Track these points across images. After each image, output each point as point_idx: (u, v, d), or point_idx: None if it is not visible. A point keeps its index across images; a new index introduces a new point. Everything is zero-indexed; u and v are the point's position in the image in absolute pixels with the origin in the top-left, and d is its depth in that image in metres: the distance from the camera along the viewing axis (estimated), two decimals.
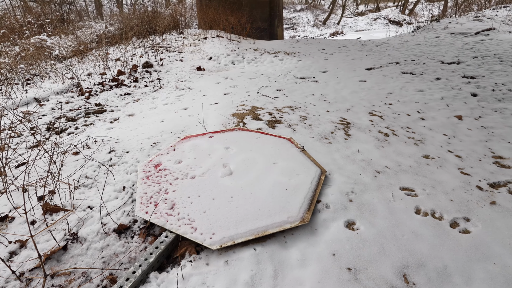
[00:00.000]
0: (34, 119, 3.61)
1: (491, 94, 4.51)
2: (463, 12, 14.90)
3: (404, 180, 2.36)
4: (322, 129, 3.21)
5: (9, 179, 2.23)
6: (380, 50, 8.35)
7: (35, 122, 3.52)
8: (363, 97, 4.55)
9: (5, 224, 1.90)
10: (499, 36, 8.66)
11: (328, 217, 1.92)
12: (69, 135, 3.24)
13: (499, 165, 2.64)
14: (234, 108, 3.81)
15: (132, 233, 1.83)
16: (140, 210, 1.91)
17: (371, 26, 25.77)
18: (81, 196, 2.13)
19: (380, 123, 3.50)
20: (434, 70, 5.91)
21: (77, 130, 3.36)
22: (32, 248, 1.71)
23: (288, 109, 3.82)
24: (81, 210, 1.99)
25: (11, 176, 2.34)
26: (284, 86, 5.17)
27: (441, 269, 1.58)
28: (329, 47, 9.00)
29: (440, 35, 9.73)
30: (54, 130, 3.39)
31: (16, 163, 2.59)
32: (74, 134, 3.25)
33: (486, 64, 5.97)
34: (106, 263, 1.62)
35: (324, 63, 6.93)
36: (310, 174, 2.26)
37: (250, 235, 1.71)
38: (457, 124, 3.55)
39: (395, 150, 2.85)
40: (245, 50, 7.85)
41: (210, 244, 1.65)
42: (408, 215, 1.96)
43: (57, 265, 1.60)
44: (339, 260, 1.62)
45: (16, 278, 1.51)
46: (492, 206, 2.07)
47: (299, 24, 27.32)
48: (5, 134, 3.07)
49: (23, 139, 3.06)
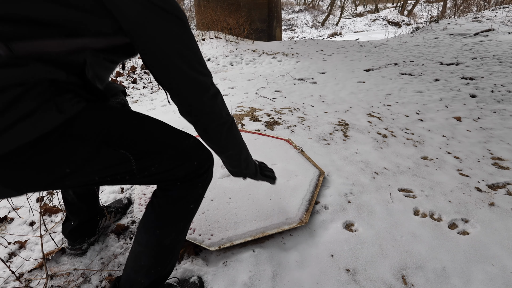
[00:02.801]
0: None
1: (490, 95, 4.52)
2: (462, 13, 14.94)
3: (403, 181, 2.37)
4: (321, 130, 3.21)
5: None
6: (379, 51, 8.37)
7: None
8: (362, 98, 4.56)
9: (4, 225, 1.90)
10: (498, 37, 8.68)
11: (327, 219, 1.92)
12: None
13: (498, 167, 2.65)
14: (232, 109, 3.82)
15: (131, 234, 1.83)
16: (138, 211, 1.91)
17: (370, 27, 25.83)
18: None
19: (378, 124, 3.50)
20: (433, 71, 5.92)
21: None
22: (31, 249, 1.71)
23: (287, 110, 3.83)
24: None
25: None
26: (282, 87, 5.17)
27: (439, 270, 1.58)
28: (327, 48, 9.02)
29: (439, 36, 9.76)
30: None
31: None
32: None
33: (485, 65, 5.99)
34: (105, 264, 1.62)
35: (322, 64, 6.94)
36: (309, 176, 2.26)
37: (248, 236, 1.71)
38: (456, 125, 3.56)
39: (393, 151, 2.86)
40: (243, 51, 7.86)
41: (208, 245, 1.65)
42: (406, 217, 1.96)
43: (56, 266, 1.60)
44: (337, 261, 1.63)
45: (16, 279, 1.51)
46: (491, 207, 2.08)
47: (297, 25, 27.38)
48: None
49: None
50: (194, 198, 1.17)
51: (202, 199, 1.23)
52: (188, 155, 1.09)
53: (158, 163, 1.02)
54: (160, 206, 1.13)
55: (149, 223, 1.15)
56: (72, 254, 1.67)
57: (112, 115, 0.99)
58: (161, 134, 1.06)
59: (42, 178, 0.86)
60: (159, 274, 1.19)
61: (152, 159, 1.01)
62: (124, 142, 0.96)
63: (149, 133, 1.03)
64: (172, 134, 1.09)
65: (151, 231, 1.13)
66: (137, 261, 1.17)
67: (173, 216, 1.15)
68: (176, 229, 1.18)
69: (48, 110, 0.79)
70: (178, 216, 1.16)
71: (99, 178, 0.96)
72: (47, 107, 0.79)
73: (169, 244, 1.17)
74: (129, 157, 0.96)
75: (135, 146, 0.98)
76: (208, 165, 1.17)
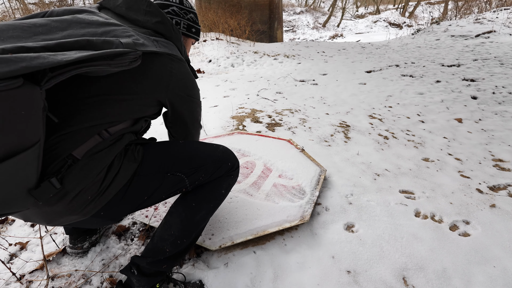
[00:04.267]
0: None
1: (491, 97, 4.52)
2: (463, 15, 14.95)
3: (404, 183, 2.37)
4: (322, 132, 3.21)
5: None
6: (380, 52, 8.37)
7: None
8: (363, 100, 4.56)
9: (5, 226, 1.90)
10: (500, 38, 8.68)
11: (328, 220, 1.92)
12: None
13: (499, 168, 2.65)
14: (233, 110, 3.82)
15: (132, 235, 1.83)
16: (139, 213, 1.91)
17: (371, 28, 25.83)
18: None
19: (379, 126, 3.50)
20: (434, 72, 5.92)
21: None
22: (32, 250, 1.71)
23: (288, 111, 3.83)
24: None
25: None
26: (283, 88, 5.18)
27: (440, 272, 1.58)
28: (328, 49, 9.03)
29: (440, 38, 9.76)
30: None
31: None
32: None
33: (487, 67, 5.99)
34: (106, 266, 1.62)
35: (323, 66, 6.95)
36: (310, 173, 2.27)
37: (249, 235, 1.71)
38: (457, 127, 3.56)
39: (394, 153, 2.86)
40: (244, 53, 7.87)
41: (209, 245, 1.65)
42: (407, 218, 1.96)
43: (57, 268, 1.60)
44: (338, 262, 1.62)
45: (17, 280, 1.51)
46: (492, 209, 2.08)
47: (298, 26, 27.40)
48: None
49: None
50: (226, 186, 1.46)
51: (231, 189, 1.53)
52: (223, 159, 1.42)
53: (204, 172, 1.35)
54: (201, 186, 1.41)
55: (187, 198, 1.39)
56: (73, 254, 1.67)
57: (160, 150, 1.32)
58: (199, 152, 1.40)
59: (130, 207, 1.23)
60: (182, 246, 1.36)
61: (199, 172, 1.34)
62: (177, 167, 1.29)
63: (191, 153, 1.37)
64: (207, 148, 1.43)
65: (187, 204, 1.38)
66: (167, 230, 1.36)
67: (208, 197, 1.41)
68: (207, 208, 1.42)
69: (129, 161, 1.17)
70: (211, 197, 1.43)
71: (166, 196, 1.32)
72: (128, 160, 1.16)
73: (199, 219, 1.39)
74: (183, 177, 1.29)
75: (185, 167, 1.31)
76: (237, 164, 1.51)
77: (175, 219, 1.37)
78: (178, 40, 1.37)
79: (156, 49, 1.17)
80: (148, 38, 1.19)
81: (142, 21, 1.26)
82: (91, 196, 1.06)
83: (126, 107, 1.15)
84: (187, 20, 1.58)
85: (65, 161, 1.01)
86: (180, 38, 1.38)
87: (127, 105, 1.15)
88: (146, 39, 1.17)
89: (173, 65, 1.25)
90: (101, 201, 1.10)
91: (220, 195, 1.46)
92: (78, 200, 1.04)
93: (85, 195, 1.05)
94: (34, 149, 0.87)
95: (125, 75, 1.11)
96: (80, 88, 1.06)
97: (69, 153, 1.01)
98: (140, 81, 1.16)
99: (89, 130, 1.06)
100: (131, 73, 1.11)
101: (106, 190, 1.10)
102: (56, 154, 0.99)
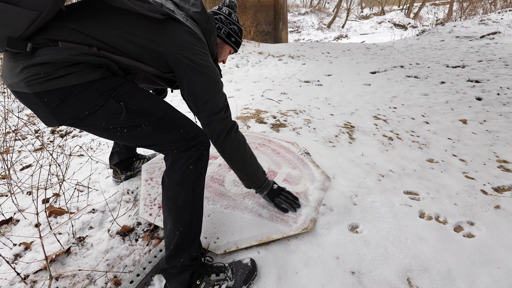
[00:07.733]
0: (38, 122, 3.63)
1: (496, 98, 4.50)
2: (468, 16, 14.89)
3: (408, 184, 2.36)
4: (326, 132, 3.21)
5: (13, 182, 2.25)
6: (385, 53, 8.35)
7: (39, 125, 3.54)
8: (368, 101, 4.56)
9: (10, 226, 1.91)
10: (505, 39, 8.64)
11: (332, 221, 1.92)
12: (74, 137, 3.26)
13: (503, 169, 2.63)
14: (238, 111, 3.83)
15: (137, 236, 1.84)
16: (144, 212, 1.92)
17: (376, 29, 25.79)
18: (85, 198, 2.15)
19: (384, 127, 3.50)
20: (439, 73, 5.90)
21: (81, 132, 3.38)
22: (36, 250, 1.72)
23: (292, 112, 3.83)
24: (86, 212, 2.00)
25: (15, 179, 2.36)
26: (288, 89, 5.18)
27: (445, 273, 1.57)
28: (333, 50, 9.02)
29: (445, 39, 9.73)
30: (58, 133, 3.41)
31: (20, 165, 2.61)
32: (78, 136, 3.26)
33: (491, 68, 5.96)
34: (110, 266, 1.63)
35: (328, 67, 6.94)
36: (315, 180, 2.27)
37: (254, 240, 1.71)
38: (461, 128, 3.54)
39: (399, 154, 2.85)
40: (249, 53, 7.88)
41: (214, 249, 1.65)
42: (412, 219, 1.95)
43: (62, 268, 1.61)
44: (342, 263, 1.62)
45: (21, 280, 1.52)
46: (497, 210, 2.07)
47: (303, 27, 27.40)
48: (10, 136, 3.09)
49: (27, 142, 3.08)
50: (191, 160, 1.37)
51: (203, 163, 1.43)
52: (174, 124, 1.37)
53: (148, 121, 1.32)
54: (166, 173, 1.40)
55: (163, 191, 1.40)
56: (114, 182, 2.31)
57: (127, 83, 1.32)
58: (156, 103, 1.37)
59: (70, 113, 1.23)
60: (184, 235, 1.38)
61: (143, 117, 1.31)
62: (124, 97, 1.28)
63: (146, 99, 1.34)
64: (166, 107, 1.40)
65: (165, 196, 1.39)
66: (165, 227, 1.41)
67: (176, 177, 1.37)
68: (184, 189, 1.37)
69: (94, 73, 1.22)
70: (180, 176, 1.36)
71: (106, 124, 1.29)
72: (94, 71, 1.22)
73: (182, 204, 1.37)
74: (122, 109, 1.27)
75: (131, 101, 1.29)
76: (199, 136, 1.41)
77: (165, 214, 1.41)
78: (210, 35, 1.55)
79: (182, 19, 1.38)
80: (181, 15, 1.43)
81: (186, 9, 1.52)
82: (44, 73, 1.14)
83: (129, 44, 1.28)
84: (229, 29, 1.74)
85: (49, 42, 1.14)
86: (213, 34, 1.56)
87: (133, 45, 1.29)
88: (179, 15, 1.40)
89: (190, 37, 1.39)
90: (49, 84, 1.16)
91: (189, 172, 1.37)
92: (32, 70, 1.13)
93: (40, 68, 1.14)
94: (30, 13, 1.05)
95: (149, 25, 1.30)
96: (102, 12, 1.24)
97: (57, 40, 1.15)
98: (156, 34, 1.31)
99: (85, 38, 1.19)
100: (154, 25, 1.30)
101: (58, 78, 1.16)
102: (47, 33, 1.15)
